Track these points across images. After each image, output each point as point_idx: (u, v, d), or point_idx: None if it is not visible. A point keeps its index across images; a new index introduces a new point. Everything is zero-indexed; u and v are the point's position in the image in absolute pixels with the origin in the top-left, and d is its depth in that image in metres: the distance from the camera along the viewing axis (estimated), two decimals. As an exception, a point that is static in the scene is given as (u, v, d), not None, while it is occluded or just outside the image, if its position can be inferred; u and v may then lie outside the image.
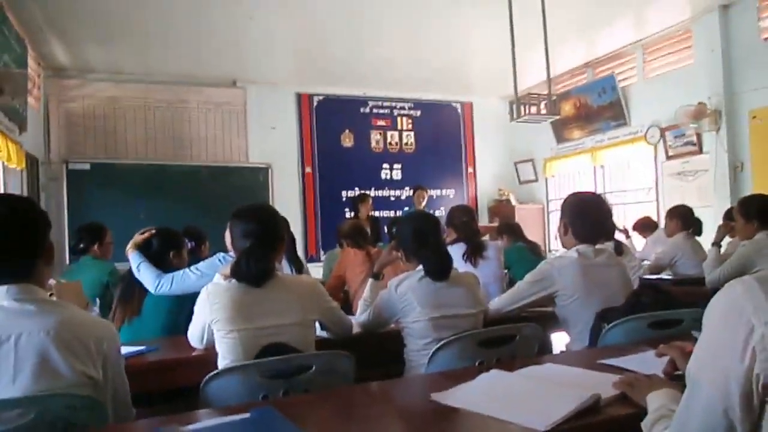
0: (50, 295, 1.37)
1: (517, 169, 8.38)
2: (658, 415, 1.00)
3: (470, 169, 8.37)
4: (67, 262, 5.66)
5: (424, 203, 6.48)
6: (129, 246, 2.57)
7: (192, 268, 2.45)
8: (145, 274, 2.43)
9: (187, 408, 1.42)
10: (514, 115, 5.04)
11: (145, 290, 2.43)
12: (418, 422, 1.24)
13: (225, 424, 1.15)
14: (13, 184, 4.80)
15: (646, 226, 5.11)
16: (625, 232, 5.02)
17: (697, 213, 4.23)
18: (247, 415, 1.20)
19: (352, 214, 6.68)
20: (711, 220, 4.83)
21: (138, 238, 2.59)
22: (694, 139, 5.81)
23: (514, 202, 7.97)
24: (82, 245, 3.47)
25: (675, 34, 6.06)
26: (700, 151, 5.76)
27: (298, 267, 3.22)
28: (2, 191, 4.54)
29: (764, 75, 5.15)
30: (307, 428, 1.11)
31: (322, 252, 7.15)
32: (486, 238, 3.87)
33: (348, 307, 3.12)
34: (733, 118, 5.44)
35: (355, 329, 2.13)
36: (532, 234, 5.37)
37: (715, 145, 5.56)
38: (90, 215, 5.79)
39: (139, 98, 6.58)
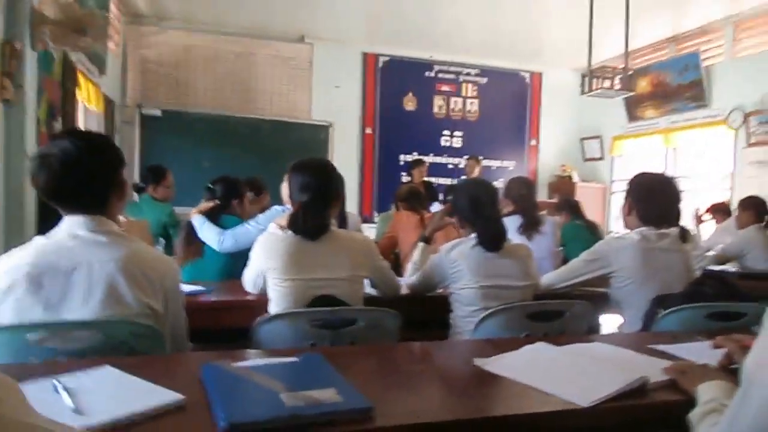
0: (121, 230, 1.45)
1: (582, 146, 8.09)
2: (708, 408, 0.97)
3: (533, 142, 8.14)
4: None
5: (476, 173, 6.38)
6: (193, 211, 2.71)
7: (251, 221, 2.54)
8: (208, 234, 2.55)
9: (239, 348, 1.49)
10: (585, 89, 4.84)
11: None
12: (459, 384, 1.26)
13: (274, 364, 1.21)
14: (92, 124, 5.05)
15: (720, 210, 4.85)
16: (698, 218, 4.76)
17: (774, 205, 3.98)
18: (295, 359, 1.24)
19: (408, 178, 6.68)
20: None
21: (203, 206, 2.72)
22: (781, 126, 5.41)
23: (576, 179, 7.72)
24: (142, 184, 3.64)
25: (772, 11, 5.59)
26: (786, 141, 5.37)
27: (342, 221, 3.26)
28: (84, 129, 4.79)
29: None
30: (351, 379, 1.14)
31: (376, 213, 7.21)
32: (544, 213, 3.79)
33: (398, 269, 3.15)
34: (828, 107, 5.02)
35: (403, 290, 2.15)
36: (592, 213, 5.21)
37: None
38: (159, 159, 6.05)
39: (210, 48, 6.72)
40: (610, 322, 2.43)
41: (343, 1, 5.90)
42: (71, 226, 1.37)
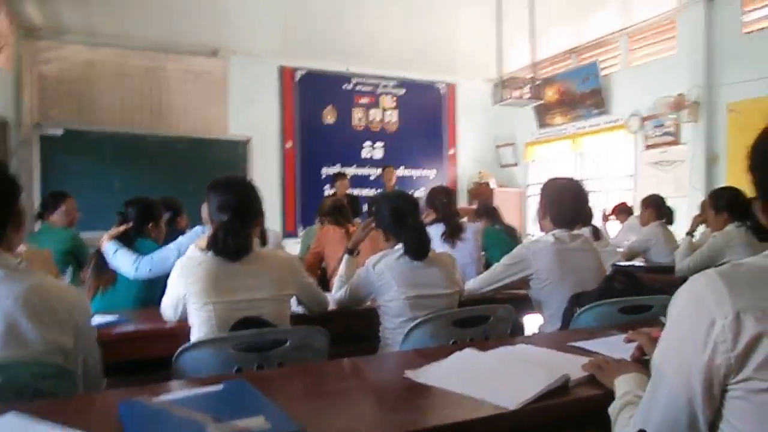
0: (20, 262, 1.33)
1: (498, 153, 8.42)
2: (624, 401, 1.03)
3: (452, 151, 8.37)
4: (37, 229, 5.56)
5: (392, 183, 6.47)
6: (104, 237, 2.51)
7: (170, 245, 2.41)
8: (122, 260, 2.38)
9: (159, 380, 1.41)
10: (497, 98, 5.04)
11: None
12: (391, 398, 1.26)
13: (198, 395, 1.15)
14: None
15: (623, 211, 5.20)
16: (606, 217, 5.11)
17: (672, 203, 4.31)
18: (219, 387, 1.19)
19: (332, 191, 6.66)
20: (686, 210, 4.93)
21: (114, 231, 2.53)
22: (673, 129, 5.90)
23: (493, 185, 8.02)
24: (41, 210, 3.39)
25: (659, 24, 6.09)
26: (678, 142, 5.85)
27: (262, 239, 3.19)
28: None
29: (744, 68, 5.22)
30: (279, 402, 1.11)
31: (300, 228, 7.12)
32: (464, 219, 3.89)
33: (325, 284, 3.12)
34: (711, 110, 5.52)
35: (331, 306, 2.13)
36: (510, 217, 5.42)
37: (692, 136, 5.65)
38: (62, 182, 5.67)
39: (115, 63, 6.39)
40: (533, 323, 2.53)
41: (258, 14, 5.81)
42: (-35, 262, 1.24)
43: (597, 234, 4.05)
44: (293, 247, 5.11)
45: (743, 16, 5.29)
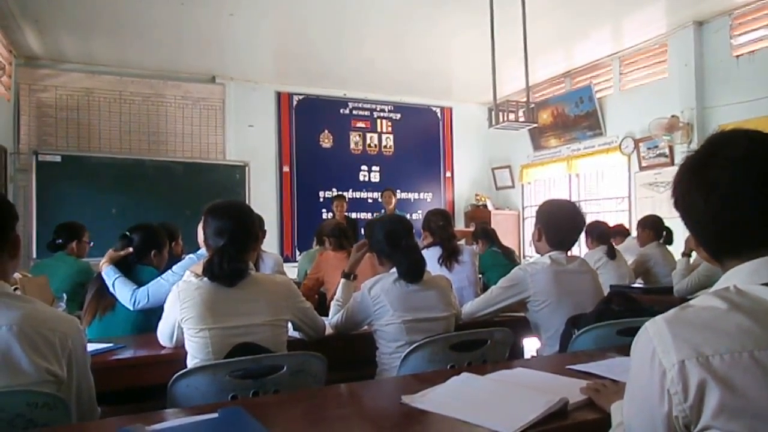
0: (15, 289, 1.32)
1: (494, 175, 8.46)
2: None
3: (448, 174, 8.41)
4: (34, 255, 5.53)
5: (392, 206, 6.50)
6: (103, 261, 2.49)
7: (165, 274, 2.40)
8: (121, 291, 2.36)
9: (155, 408, 1.40)
10: (493, 122, 5.09)
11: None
12: (388, 424, 1.24)
13: (192, 423, 1.14)
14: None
15: (619, 233, 5.21)
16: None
17: (668, 223, 4.32)
18: (215, 415, 1.18)
19: (330, 215, 6.67)
20: (680, 230, 4.94)
21: (114, 254, 2.51)
22: (667, 151, 5.95)
23: (490, 207, 8.04)
24: (59, 241, 3.41)
25: (651, 47, 6.19)
26: (672, 163, 5.89)
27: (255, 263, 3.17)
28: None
29: (734, 91, 5.30)
30: (275, 429, 1.10)
31: (297, 252, 7.11)
32: (462, 242, 3.90)
33: (324, 309, 3.10)
34: (703, 132, 5.58)
35: (328, 330, 2.12)
36: (507, 239, 5.43)
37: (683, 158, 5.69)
38: (60, 209, 5.69)
39: (114, 90, 6.46)
40: (532, 346, 2.51)
41: (254, 40, 5.90)
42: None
43: (612, 253, 4.04)
44: (291, 271, 5.10)
45: (732, 39, 5.39)
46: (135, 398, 1.85)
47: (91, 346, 1.86)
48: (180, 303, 1.72)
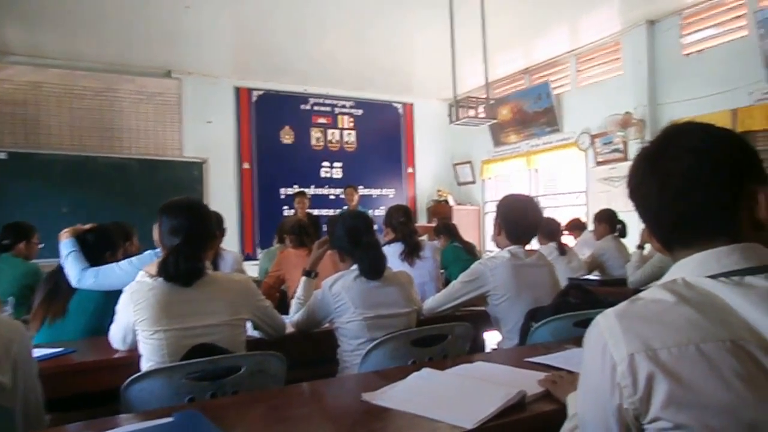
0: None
1: (455, 171, 8.54)
2: (572, 425, 1.02)
3: (410, 170, 8.45)
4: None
5: (354, 202, 6.48)
6: (65, 231, 2.38)
7: (121, 263, 2.32)
8: (72, 264, 2.27)
9: (107, 414, 1.35)
10: (453, 118, 5.13)
11: (72, 290, 2.29)
12: (348, 422, 1.23)
13: (145, 429, 1.10)
14: None
15: (576, 226, 5.34)
16: (560, 232, 5.21)
17: (623, 217, 4.45)
18: (170, 419, 1.15)
19: (292, 211, 6.61)
20: (634, 224, 5.09)
21: (80, 227, 2.41)
22: (621, 146, 6.12)
23: (452, 202, 8.11)
24: (6, 242, 3.26)
25: (606, 45, 6.35)
26: (626, 158, 6.07)
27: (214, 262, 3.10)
28: None
29: (685, 88, 5.48)
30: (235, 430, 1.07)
31: (259, 250, 7.01)
32: (423, 238, 3.91)
33: (285, 307, 3.07)
34: (656, 128, 5.76)
35: (289, 329, 2.09)
36: (468, 234, 5.48)
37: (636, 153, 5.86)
38: (6, 207, 5.45)
39: (63, 84, 6.21)
40: (492, 339, 2.55)
41: (211, 34, 5.77)
42: None
43: (563, 249, 4.14)
44: (252, 269, 5.02)
45: (682, 38, 5.57)
46: (87, 404, 1.78)
47: (39, 351, 1.78)
48: (133, 305, 1.66)
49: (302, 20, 5.49)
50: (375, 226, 2.23)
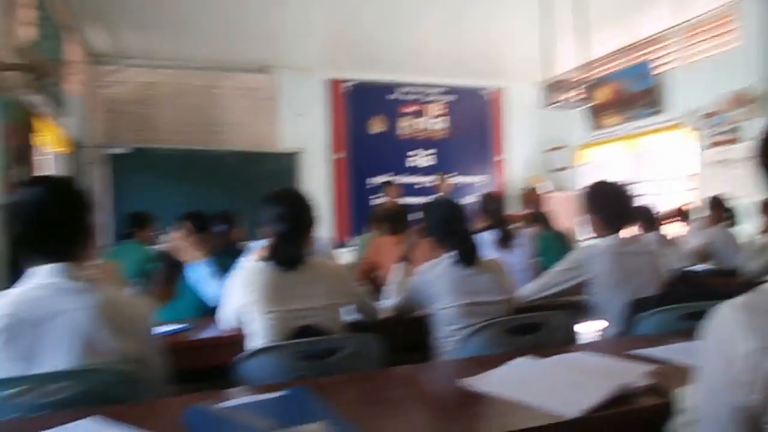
0: (91, 275, 1.42)
1: (549, 157, 8.25)
2: (686, 419, 0.97)
3: (501, 156, 8.28)
4: (106, 243, 5.86)
5: (445, 190, 6.45)
6: (191, 253, 2.52)
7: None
8: (210, 287, 2.42)
9: (219, 387, 1.47)
10: (546, 102, 4.96)
11: (181, 273, 2.50)
12: (447, 406, 1.26)
13: (260, 401, 1.19)
14: (57, 167, 4.96)
15: (681, 214, 5.00)
16: (662, 221, 4.91)
17: (737, 203, 4.12)
18: (281, 393, 1.23)
19: (381, 200, 6.71)
20: (748, 210, 4.69)
21: (189, 242, 2.55)
22: (736, 126, 5.62)
23: (545, 189, 7.85)
24: (129, 230, 3.60)
25: (718, 17, 5.83)
26: (742, 140, 5.57)
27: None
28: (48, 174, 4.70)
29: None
30: (337, 409, 1.13)
31: (351, 238, 7.20)
32: (517, 225, 3.84)
33: (378, 293, 3.14)
34: (776, 105, 5.24)
35: (384, 315, 2.15)
36: (562, 222, 5.30)
37: (757, 132, 5.37)
38: (127, 198, 5.99)
39: (173, 83, 6.70)
40: (588, 330, 2.46)
41: (304, 28, 5.96)
42: (43, 275, 1.34)
43: (666, 238, 3.91)
44: (345, 257, 5.18)
45: (810, 4, 5.02)
46: (202, 379, 1.94)
47: (162, 328, 1.97)
48: (243, 286, 1.79)
49: (394, 10, 5.52)
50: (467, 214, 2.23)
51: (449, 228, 2.07)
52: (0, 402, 1.22)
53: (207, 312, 2.51)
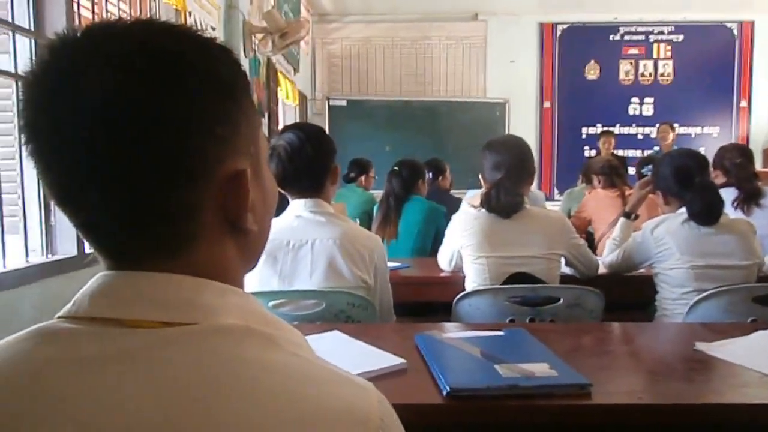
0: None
1: (810, 103, 6.82)
2: None
3: (743, 103, 7.07)
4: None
5: (669, 141, 5.75)
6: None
7: None
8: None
9: (437, 322, 1.57)
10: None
11: (400, 215, 2.70)
12: (681, 368, 1.18)
13: (482, 337, 1.26)
14: (289, 117, 5.63)
15: None
16: None
17: None
18: (500, 333, 1.28)
19: (593, 152, 6.31)
20: None
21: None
22: None
23: (802, 143, 6.55)
24: (352, 174, 3.97)
25: None
26: None
27: None
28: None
29: None
30: (558, 355, 1.14)
31: (556, 191, 6.92)
32: (763, 183, 3.30)
33: (592, 249, 3.01)
34: None
35: (601, 270, 2.06)
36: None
37: None
38: (346, 146, 6.53)
39: (387, 37, 7.01)
40: None
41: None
42: (295, 208, 1.56)
43: None
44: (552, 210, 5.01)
45: None
46: (418, 312, 2.10)
47: (388, 264, 2.16)
48: (460, 231, 1.86)
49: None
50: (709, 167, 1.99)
51: (685, 180, 1.87)
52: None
53: (421, 252, 2.69)
